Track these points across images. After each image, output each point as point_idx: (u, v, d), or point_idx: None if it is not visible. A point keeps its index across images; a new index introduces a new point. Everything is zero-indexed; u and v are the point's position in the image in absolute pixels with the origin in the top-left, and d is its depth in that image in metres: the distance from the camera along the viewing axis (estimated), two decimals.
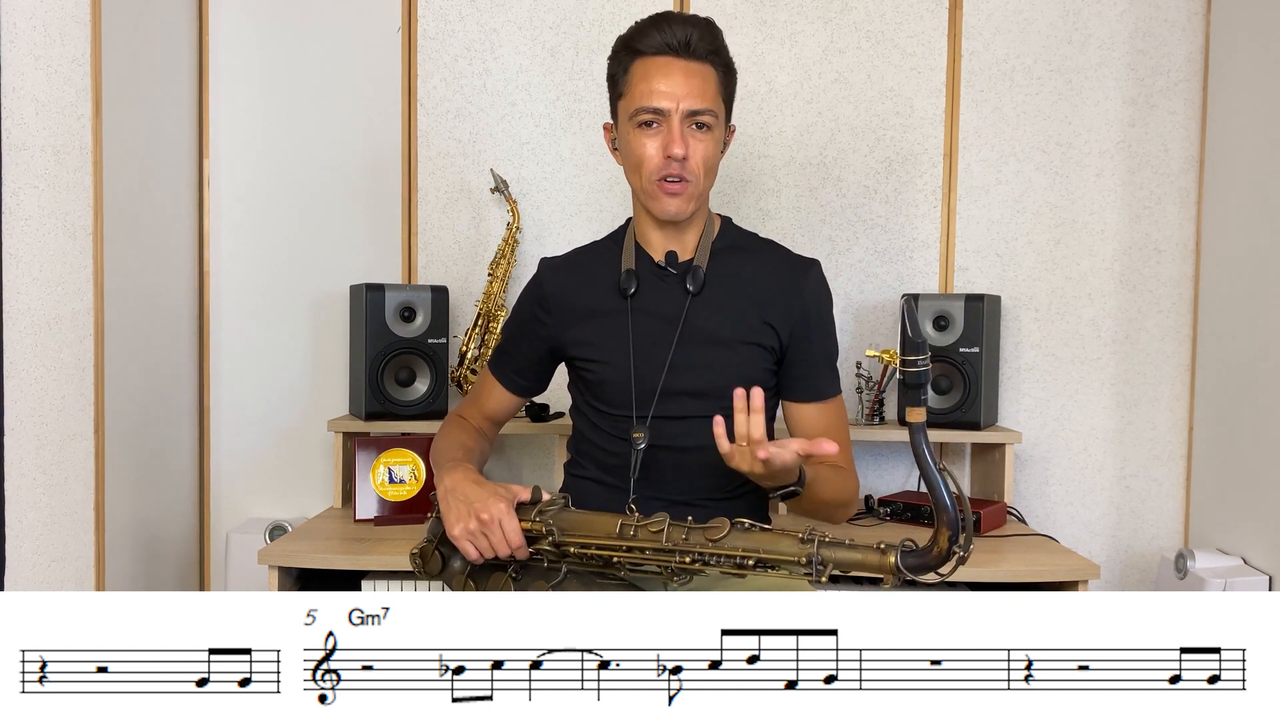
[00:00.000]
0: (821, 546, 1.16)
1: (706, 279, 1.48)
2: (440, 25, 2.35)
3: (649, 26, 1.42)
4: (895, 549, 1.14)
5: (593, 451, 1.54)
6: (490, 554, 1.29)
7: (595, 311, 1.51)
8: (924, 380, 1.06)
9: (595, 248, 1.60)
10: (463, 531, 1.29)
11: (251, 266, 2.37)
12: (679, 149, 1.39)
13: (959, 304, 2.12)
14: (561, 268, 1.58)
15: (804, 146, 2.34)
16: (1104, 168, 2.33)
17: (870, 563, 1.15)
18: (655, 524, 1.24)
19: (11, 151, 1.62)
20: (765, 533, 1.21)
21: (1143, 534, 2.35)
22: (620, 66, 1.46)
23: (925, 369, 1.06)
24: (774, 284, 1.49)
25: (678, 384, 1.45)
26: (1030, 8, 2.32)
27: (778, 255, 1.55)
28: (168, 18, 2.22)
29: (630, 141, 1.44)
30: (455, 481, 1.34)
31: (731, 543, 1.20)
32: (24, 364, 1.66)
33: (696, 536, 1.22)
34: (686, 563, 1.21)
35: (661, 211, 1.44)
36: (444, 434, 1.59)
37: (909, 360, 1.06)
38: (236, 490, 2.39)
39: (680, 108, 1.39)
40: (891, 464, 2.37)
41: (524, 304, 1.61)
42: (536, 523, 1.29)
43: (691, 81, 1.40)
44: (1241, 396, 2.13)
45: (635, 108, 1.41)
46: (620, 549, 1.25)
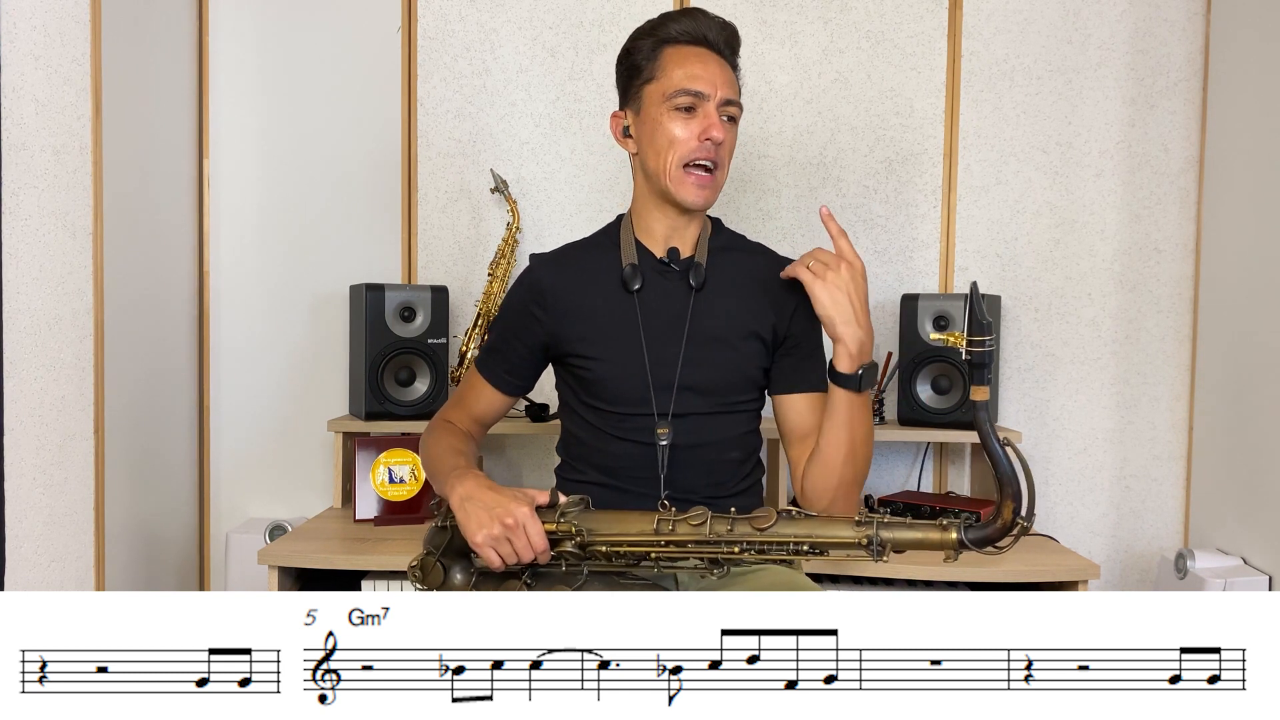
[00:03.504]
0: (880, 527, 1.18)
1: (706, 276, 1.49)
2: (440, 25, 2.35)
3: (682, 16, 1.46)
4: (956, 524, 1.16)
5: (590, 454, 1.50)
6: (514, 560, 1.26)
7: (595, 307, 1.49)
8: (988, 360, 1.11)
9: (588, 243, 1.58)
10: (486, 538, 1.25)
11: (251, 266, 2.37)
12: (719, 132, 1.41)
13: (959, 304, 2.12)
14: (556, 263, 1.55)
15: (804, 146, 2.34)
16: (1104, 168, 2.33)
17: (932, 540, 1.16)
18: (695, 517, 1.24)
19: (11, 151, 1.62)
20: (813, 519, 1.22)
21: (1143, 534, 2.35)
22: (646, 54, 1.46)
23: (991, 349, 1.11)
24: (768, 283, 1.51)
25: (688, 381, 1.45)
26: (1030, 8, 2.32)
27: (768, 256, 1.57)
28: (168, 18, 2.22)
29: (662, 123, 1.43)
30: (470, 488, 1.30)
31: (780, 530, 1.21)
32: (24, 364, 1.66)
33: (742, 526, 1.22)
34: (735, 553, 1.22)
35: (687, 198, 1.44)
36: (434, 440, 1.54)
37: (975, 340, 1.10)
38: (236, 490, 2.39)
39: (718, 95, 1.42)
40: (891, 464, 2.37)
41: (516, 301, 1.55)
42: (562, 524, 1.27)
43: (725, 73, 1.44)
44: (1241, 397, 2.13)
45: (675, 89, 1.42)
46: (658, 544, 1.24)
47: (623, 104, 1.52)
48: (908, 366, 2.15)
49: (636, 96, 1.48)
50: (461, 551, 1.32)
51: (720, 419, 1.48)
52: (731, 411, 1.49)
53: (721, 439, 1.48)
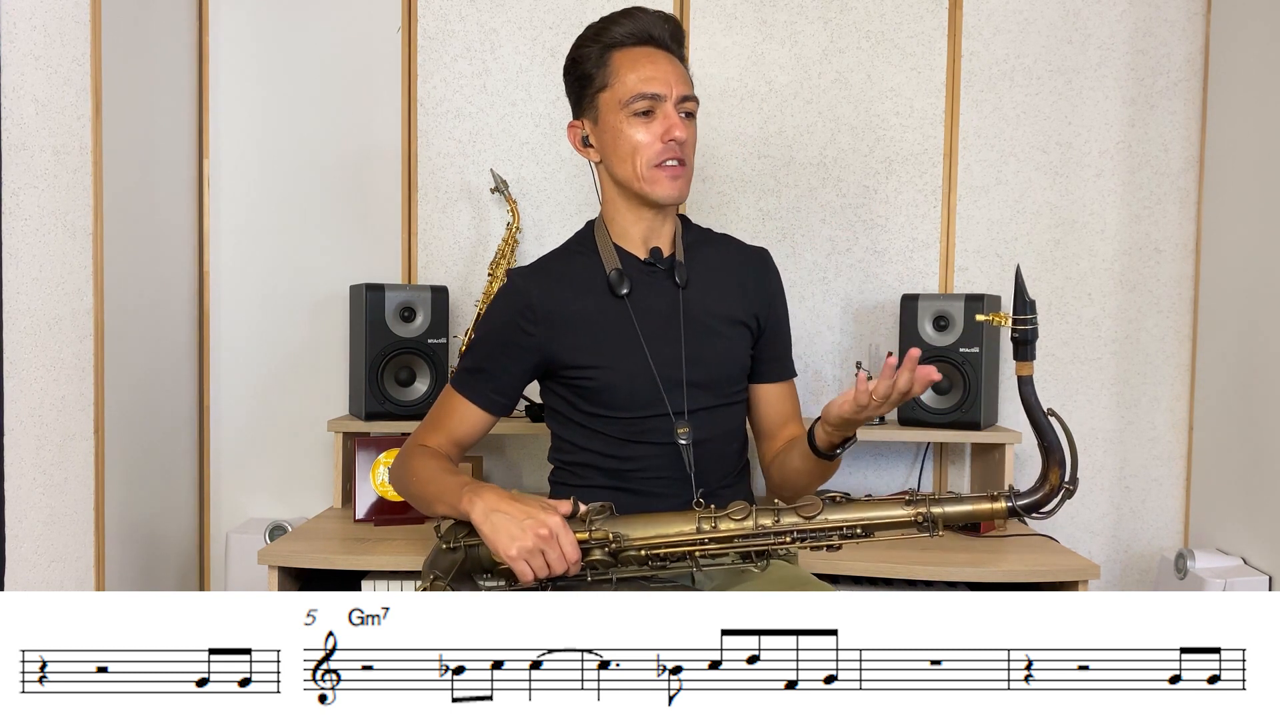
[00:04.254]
0: (932, 504, 1.23)
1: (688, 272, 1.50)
2: (440, 25, 2.35)
3: (623, 18, 1.45)
4: (1004, 494, 1.22)
5: (597, 461, 1.47)
6: (546, 573, 1.22)
7: (586, 316, 1.46)
8: (1032, 338, 1.17)
9: (564, 252, 1.55)
10: (521, 551, 1.21)
11: (251, 266, 2.37)
12: (680, 132, 1.41)
13: (959, 304, 2.12)
14: (538, 275, 1.50)
15: (804, 146, 2.34)
16: (1104, 168, 2.33)
17: (983, 511, 1.22)
18: (738, 511, 1.25)
19: (11, 151, 1.62)
20: (861, 502, 1.25)
21: (1143, 534, 2.35)
22: (594, 61, 1.46)
23: (1034, 327, 1.17)
24: (742, 273, 1.53)
25: (694, 376, 1.46)
26: (1030, 8, 2.32)
27: (735, 246, 1.58)
28: (168, 18, 2.22)
29: (622, 131, 1.43)
30: (494, 501, 1.25)
31: (829, 516, 1.23)
32: (24, 364, 1.66)
33: (789, 517, 1.24)
34: (787, 543, 1.24)
35: (663, 194, 1.43)
36: (419, 464, 1.45)
37: (1021, 319, 1.16)
38: (236, 490, 2.39)
39: (674, 93, 1.42)
40: (891, 464, 2.37)
41: (501, 318, 1.49)
42: (596, 531, 1.25)
43: (676, 69, 1.44)
44: (1241, 397, 2.13)
45: (631, 94, 1.41)
46: (701, 542, 1.24)
47: (577, 113, 1.51)
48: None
49: (592, 105, 1.47)
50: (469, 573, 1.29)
51: (724, 411, 1.50)
52: (732, 403, 1.51)
53: (726, 431, 1.50)
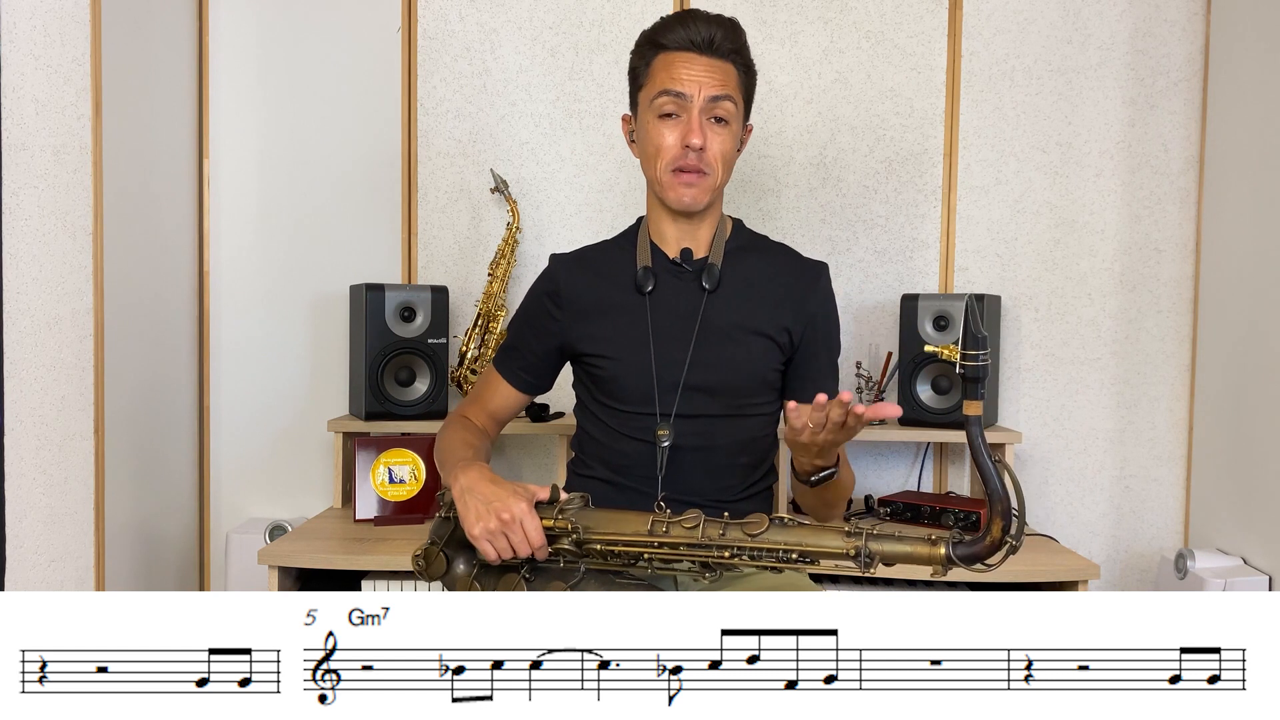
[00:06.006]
0: (869, 539, 1.16)
1: (721, 277, 1.49)
2: (440, 25, 2.35)
3: (674, 22, 1.44)
4: (945, 540, 1.14)
5: (601, 451, 1.52)
6: (509, 554, 1.26)
7: (609, 308, 1.50)
8: (982, 375, 1.08)
9: (606, 245, 1.60)
10: (483, 531, 1.25)
11: (251, 266, 2.37)
12: (697, 139, 1.40)
13: (959, 304, 2.12)
14: (573, 263, 1.57)
15: (804, 146, 2.34)
16: (1104, 168, 2.33)
17: (920, 554, 1.15)
18: (689, 520, 1.23)
19: (11, 151, 1.62)
20: (805, 527, 1.21)
21: (1143, 534, 2.35)
22: (643, 60, 1.47)
23: (985, 364, 1.08)
24: (786, 286, 1.51)
25: (695, 381, 1.45)
26: (1030, 8, 2.32)
27: (789, 257, 1.56)
28: (168, 18, 2.22)
29: (649, 131, 1.45)
30: (471, 480, 1.30)
31: (772, 537, 1.20)
32: (24, 364, 1.66)
33: (735, 532, 1.21)
34: (725, 558, 1.20)
35: (676, 201, 1.44)
36: (447, 433, 1.56)
37: (969, 355, 1.07)
38: (236, 490, 2.39)
39: (701, 95, 1.41)
40: (891, 464, 2.37)
41: (534, 299, 1.58)
42: (559, 520, 1.26)
43: (713, 74, 1.42)
44: (1241, 397, 2.13)
45: (657, 91, 1.42)
46: (651, 545, 1.23)
47: (631, 109, 1.54)
48: (907, 367, 2.15)
49: (635, 102, 1.50)
50: (465, 542, 1.32)
51: (731, 422, 1.47)
52: (743, 415, 1.49)
53: (731, 442, 1.48)
